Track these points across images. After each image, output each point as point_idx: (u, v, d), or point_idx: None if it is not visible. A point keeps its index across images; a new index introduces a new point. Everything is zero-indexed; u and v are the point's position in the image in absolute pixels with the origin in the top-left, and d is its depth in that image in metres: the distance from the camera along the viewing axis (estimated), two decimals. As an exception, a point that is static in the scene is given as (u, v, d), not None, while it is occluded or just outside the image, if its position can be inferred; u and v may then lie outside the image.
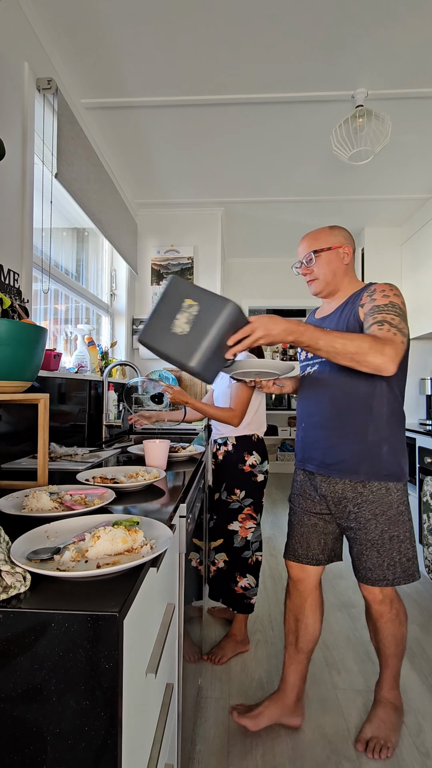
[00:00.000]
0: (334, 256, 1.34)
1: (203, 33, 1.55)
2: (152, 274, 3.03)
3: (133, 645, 0.56)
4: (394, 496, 1.26)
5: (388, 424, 1.25)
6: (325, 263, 1.34)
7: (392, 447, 1.25)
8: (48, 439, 1.05)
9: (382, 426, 1.24)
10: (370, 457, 1.24)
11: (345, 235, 1.37)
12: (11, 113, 1.34)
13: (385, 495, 1.25)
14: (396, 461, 1.26)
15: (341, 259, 1.34)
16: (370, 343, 1.06)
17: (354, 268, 1.37)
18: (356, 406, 1.26)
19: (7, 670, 0.49)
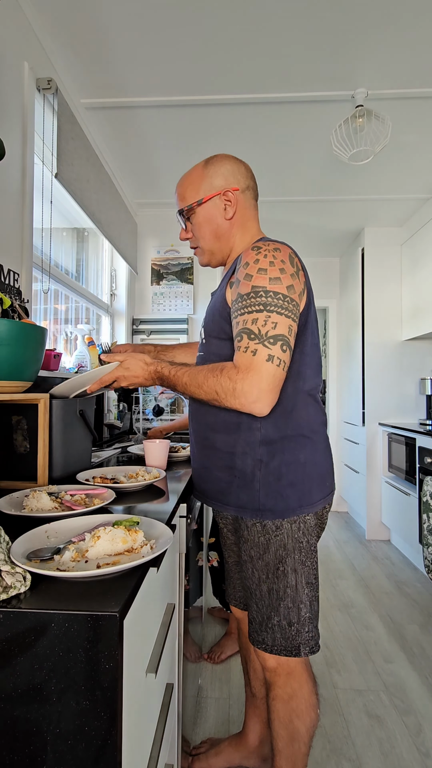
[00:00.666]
0: (212, 209, 0.97)
1: (203, 33, 1.55)
2: (152, 274, 3.02)
3: (133, 645, 0.56)
4: (273, 537, 0.92)
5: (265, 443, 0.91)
6: (203, 223, 0.99)
7: (271, 471, 0.91)
8: (48, 439, 1.05)
9: (252, 445, 0.92)
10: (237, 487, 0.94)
11: (227, 170, 0.97)
12: (11, 113, 1.34)
13: (260, 533, 0.93)
14: (277, 490, 0.91)
15: (222, 213, 0.97)
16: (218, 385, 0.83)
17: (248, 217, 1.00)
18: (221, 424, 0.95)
19: (7, 670, 0.49)
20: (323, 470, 0.97)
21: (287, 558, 0.93)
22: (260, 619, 0.96)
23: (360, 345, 3.46)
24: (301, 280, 0.88)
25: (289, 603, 0.93)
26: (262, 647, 0.96)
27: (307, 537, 0.94)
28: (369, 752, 1.32)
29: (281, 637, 0.94)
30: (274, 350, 0.81)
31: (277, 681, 0.98)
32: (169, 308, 3.01)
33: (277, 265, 0.85)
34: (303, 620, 0.93)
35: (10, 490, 1.01)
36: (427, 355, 3.30)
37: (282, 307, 0.83)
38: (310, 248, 3.79)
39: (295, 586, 0.93)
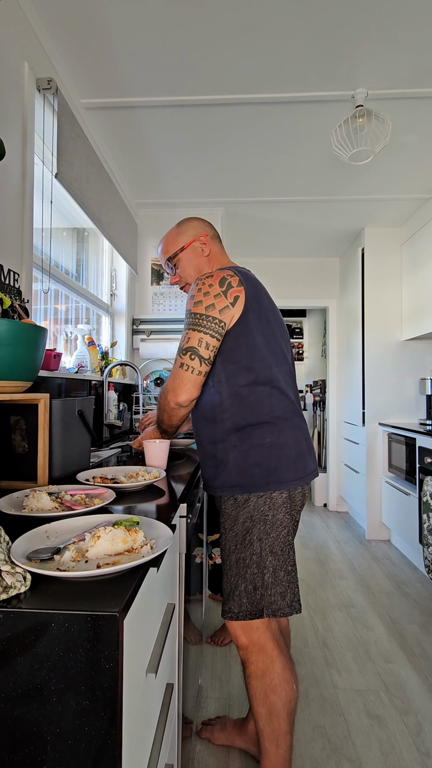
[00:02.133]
0: (191, 253, 1.24)
1: (203, 33, 1.55)
2: (152, 274, 3.02)
3: (133, 645, 0.56)
4: (241, 509, 1.07)
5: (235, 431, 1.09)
6: (187, 264, 1.25)
7: (240, 453, 1.07)
8: (48, 439, 1.05)
9: (226, 436, 1.10)
10: (221, 471, 1.10)
11: (194, 226, 1.26)
12: (11, 113, 1.34)
13: (232, 507, 1.09)
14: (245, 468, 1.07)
15: (200, 253, 1.24)
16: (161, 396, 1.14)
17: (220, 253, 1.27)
18: (204, 421, 1.15)
19: (7, 670, 0.49)
20: (292, 453, 1.09)
21: (253, 528, 1.05)
22: (230, 589, 1.06)
23: (360, 345, 3.46)
24: (230, 296, 1.07)
25: (254, 569, 1.04)
26: (229, 616, 1.05)
27: (272, 511, 1.06)
28: (369, 752, 1.32)
29: (247, 602, 1.04)
30: (185, 359, 1.06)
31: (250, 657, 1.06)
32: (169, 308, 3.01)
33: (203, 290, 1.08)
34: (266, 584, 1.04)
35: (10, 490, 1.01)
36: (427, 355, 3.30)
37: (198, 324, 1.06)
38: (310, 248, 3.79)
39: (259, 553, 1.04)
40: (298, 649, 1.84)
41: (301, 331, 5.23)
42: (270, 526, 1.05)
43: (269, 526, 1.05)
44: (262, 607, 1.03)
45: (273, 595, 1.03)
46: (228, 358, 1.09)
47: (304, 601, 2.25)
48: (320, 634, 1.95)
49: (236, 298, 1.08)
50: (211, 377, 1.11)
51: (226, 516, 1.09)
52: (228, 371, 1.09)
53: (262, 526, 1.05)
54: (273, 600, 1.03)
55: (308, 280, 4.05)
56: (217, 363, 1.10)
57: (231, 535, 1.08)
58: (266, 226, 3.27)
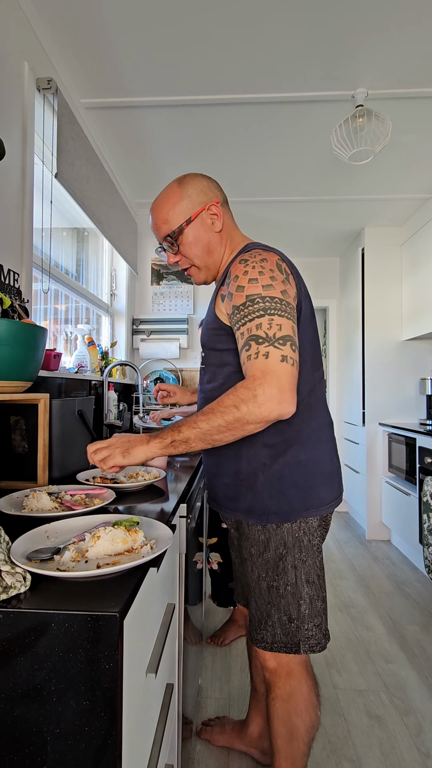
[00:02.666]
0: (200, 226, 0.96)
1: (203, 33, 1.55)
2: (152, 274, 3.02)
3: (133, 645, 0.56)
4: (273, 535, 0.93)
5: (266, 445, 0.92)
6: (194, 242, 0.97)
7: (273, 476, 0.92)
8: (48, 439, 1.05)
9: (254, 450, 0.92)
10: (244, 491, 0.95)
11: (202, 188, 0.97)
12: (11, 113, 1.34)
13: (261, 532, 0.95)
14: (280, 491, 0.92)
15: (210, 227, 0.97)
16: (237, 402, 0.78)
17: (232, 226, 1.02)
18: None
19: (7, 670, 0.49)
20: (328, 470, 0.96)
21: (287, 555, 0.93)
22: (259, 616, 0.96)
23: (360, 345, 3.46)
24: (292, 284, 0.89)
25: (289, 599, 0.93)
26: (262, 645, 0.95)
27: (308, 536, 0.93)
28: (369, 752, 1.32)
29: (281, 633, 0.94)
30: (286, 350, 0.79)
31: (277, 682, 0.98)
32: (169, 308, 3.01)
33: (267, 273, 0.85)
34: (303, 616, 0.93)
35: (10, 490, 1.01)
36: (427, 355, 3.30)
37: (281, 309, 0.82)
38: (310, 248, 3.78)
39: (294, 582, 0.93)
40: (298, 649, 1.84)
41: (301, 331, 5.23)
42: (305, 553, 0.93)
43: (305, 553, 0.93)
44: (298, 641, 0.93)
45: (310, 629, 0.94)
46: None
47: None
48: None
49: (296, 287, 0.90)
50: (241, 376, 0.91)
51: (253, 541, 0.96)
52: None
53: (297, 554, 0.93)
54: (311, 634, 0.94)
55: (308, 280, 4.05)
56: None
57: (260, 562, 0.95)
58: (266, 226, 3.27)
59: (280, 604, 0.93)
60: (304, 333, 0.93)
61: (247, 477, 0.94)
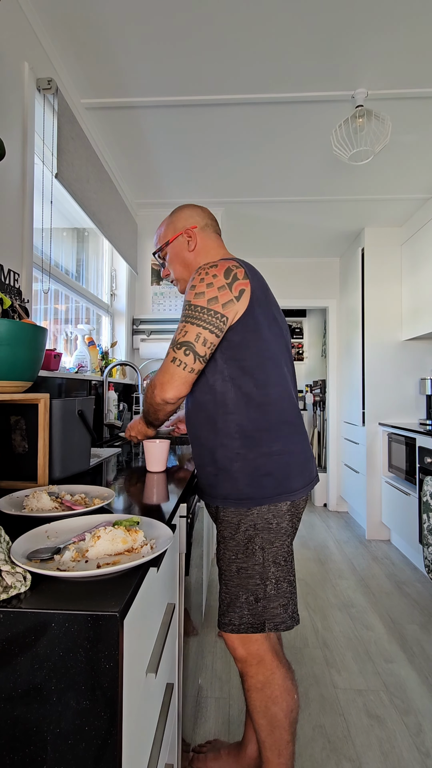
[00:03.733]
0: (177, 247, 1.16)
1: (203, 33, 1.55)
2: (152, 274, 3.02)
3: (133, 645, 0.56)
4: (244, 517, 1.00)
5: (241, 437, 1.00)
6: (173, 257, 1.18)
7: (248, 464, 1.00)
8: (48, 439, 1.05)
9: (230, 441, 1.01)
10: (223, 479, 1.03)
11: (185, 216, 1.17)
12: (11, 113, 1.34)
13: (234, 514, 1.02)
14: (255, 479, 1.00)
15: (186, 247, 1.15)
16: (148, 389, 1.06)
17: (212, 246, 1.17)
18: (203, 421, 1.06)
19: (7, 670, 0.49)
20: (301, 459, 1.04)
21: (256, 537, 1.00)
22: (228, 600, 1.01)
23: (360, 345, 3.46)
24: (235, 290, 0.99)
25: (257, 580, 0.99)
26: (229, 629, 1.00)
27: (276, 519, 1.00)
28: (369, 752, 1.32)
29: (248, 614, 0.99)
30: (178, 354, 0.97)
31: (249, 671, 1.02)
32: (169, 308, 3.01)
33: (207, 280, 0.99)
34: (269, 596, 0.99)
35: (10, 490, 1.01)
36: (427, 355, 3.30)
37: (197, 318, 0.97)
38: (310, 248, 3.79)
39: (262, 563, 0.99)
40: (298, 649, 1.84)
41: (301, 331, 5.23)
42: (274, 535, 1.00)
43: (273, 535, 1.00)
44: (264, 620, 0.98)
45: (276, 608, 0.99)
46: (234, 356, 1.00)
47: (304, 601, 2.25)
48: (320, 634, 1.95)
49: (242, 292, 1.00)
50: (214, 374, 1.02)
51: (226, 524, 1.03)
52: (233, 370, 1.01)
53: (265, 535, 1.00)
54: (276, 613, 0.99)
55: (308, 280, 4.05)
56: (219, 360, 1.01)
57: (232, 544, 1.01)
58: (266, 226, 3.27)
59: (248, 585, 0.99)
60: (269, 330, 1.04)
61: (224, 466, 1.02)
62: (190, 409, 1.11)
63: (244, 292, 1.00)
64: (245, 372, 1.00)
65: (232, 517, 1.02)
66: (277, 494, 1.00)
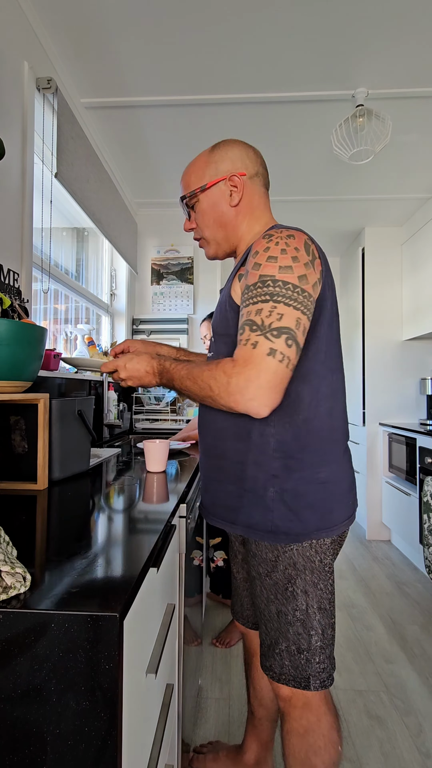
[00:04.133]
0: (216, 195, 0.90)
1: (203, 33, 1.55)
2: (152, 274, 3.02)
3: (133, 645, 0.56)
4: (281, 554, 0.84)
5: (281, 456, 0.82)
6: (206, 210, 0.92)
7: (287, 492, 0.82)
8: (48, 439, 1.05)
9: (266, 459, 0.82)
10: (249, 504, 0.85)
11: (232, 156, 0.90)
12: (11, 113, 1.34)
13: (269, 549, 0.85)
14: (294, 511, 0.82)
15: (227, 199, 0.90)
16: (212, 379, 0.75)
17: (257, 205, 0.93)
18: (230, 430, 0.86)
19: (7, 671, 0.48)
20: (346, 487, 0.88)
21: (297, 578, 0.84)
22: (269, 642, 0.88)
23: (360, 345, 3.46)
24: (317, 269, 0.79)
25: (299, 628, 0.84)
26: (270, 674, 0.88)
27: (320, 556, 0.84)
28: (369, 753, 1.32)
29: (290, 665, 0.85)
30: (278, 344, 0.71)
31: (292, 713, 0.88)
32: (169, 308, 3.01)
33: (290, 252, 0.76)
34: (314, 649, 0.84)
35: (10, 490, 1.01)
36: (427, 355, 3.30)
37: (291, 298, 0.73)
38: (310, 248, 3.78)
39: (305, 609, 0.84)
40: (299, 650, 1.84)
41: (301, 331, 5.23)
42: (317, 576, 0.84)
43: (316, 576, 0.84)
44: (308, 675, 0.84)
45: (322, 662, 0.85)
46: None
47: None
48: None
49: (321, 273, 0.80)
50: None
51: (260, 559, 0.87)
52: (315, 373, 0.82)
53: (308, 576, 0.84)
54: (322, 668, 0.85)
55: (308, 280, 4.05)
56: None
57: (268, 583, 0.86)
58: (266, 226, 3.26)
59: (289, 633, 0.85)
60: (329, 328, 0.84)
61: (253, 487, 0.84)
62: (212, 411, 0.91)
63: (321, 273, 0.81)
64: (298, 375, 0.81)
65: (267, 553, 0.86)
66: (317, 529, 0.83)
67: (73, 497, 0.97)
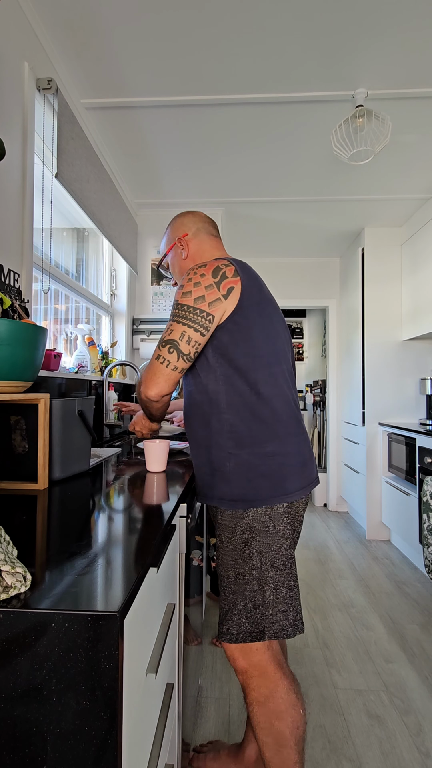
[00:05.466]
0: (174, 255, 1.20)
1: (203, 33, 1.55)
2: (152, 274, 3.02)
3: (133, 645, 0.56)
4: (240, 520, 0.98)
5: (233, 436, 0.99)
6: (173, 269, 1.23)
7: (242, 465, 0.98)
8: (48, 439, 1.05)
9: (223, 440, 1.00)
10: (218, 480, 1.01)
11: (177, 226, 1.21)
12: (11, 113, 1.34)
13: (230, 517, 0.99)
14: (249, 480, 0.98)
15: (180, 256, 1.19)
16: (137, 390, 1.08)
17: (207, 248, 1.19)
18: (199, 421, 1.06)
19: (7, 670, 0.49)
20: (296, 461, 1.01)
21: (252, 540, 0.97)
22: (227, 607, 0.98)
23: (360, 345, 3.46)
24: (222, 288, 0.99)
25: (254, 585, 0.96)
26: (227, 638, 0.97)
27: (273, 521, 0.98)
28: (369, 752, 1.32)
29: (246, 622, 0.96)
30: (163, 352, 0.98)
31: (250, 683, 0.98)
32: (169, 308, 3.01)
33: (194, 280, 0.99)
34: (267, 602, 0.96)
35: (10, 490, 1.01)
36: (427, 355, 3.30)
37: (183, 317, 0.97)
38: (310, 248, 3.78)
39: (259, 567, 0.96)
40: (298, 649, 1.84)
41: (301, 331, 5.23)
42: (271, 538, 0.97)
43: (270, 538, 0.97)
44: (263, 628, 0.95)
45: (275, 614, 0.95)
46: (225, 355, 1.00)
47: (304, 602, 2.25)
48: (320, 634, 1.95)
49: (230, 290, 0.99)
50: (207, 374, 1.02)
51: (223, 527, 1.01)
52: (225, 369, 1.00)
53: (262, 538, 0.97)
54: (275, 619, 0.95)
55: (308, 280, 4.05)
56: (211, 359, 1.01)
57: (229, 548, 0.99)
58: (266, 226, 3.26)
59: (245, 591, 0.96)
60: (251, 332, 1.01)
61: (218, 466, 1.01)
62: (186, 408, 1.10)
63: (233, 290, 0.99)
64: (237, 371, 0.99)
65: (229, 520, 0.99)
66: (272, 496, 0.97)
67: (74, 497, 0.97)
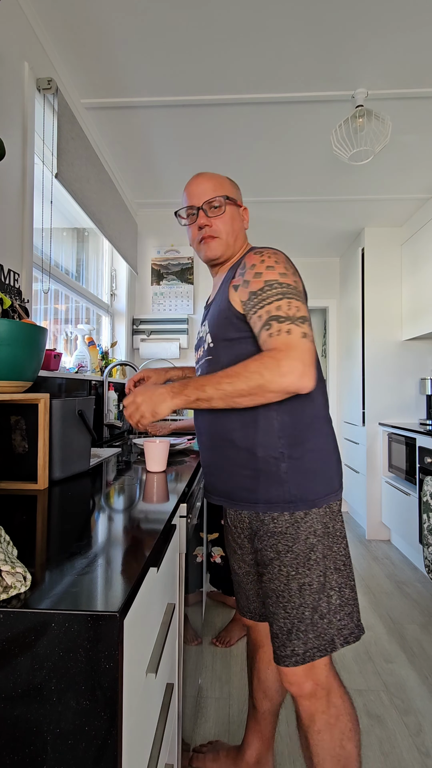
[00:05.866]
0: (238, 214, 1.08)
1: (203, 33, 1.55)
2: (152, 274, 3.02)
3: (133, 645, 0.56)
4: (302, 524, 0.91)
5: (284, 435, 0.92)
6: (230, 219, 1.05)
7: (297, 460, 0.92)
8: (48, 439, 1.05)
9: (273, 439, 0.92)
10: (264, 482, 0.93)
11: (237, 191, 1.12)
12: (11, 113, 1.34)
13: (289, 523, 0.91)
14: (306, 478, 0.92)
15: (241, 220, 1.09)
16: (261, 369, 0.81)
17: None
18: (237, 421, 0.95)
19: (7, 670, 0.49)
20: (336, 457, 0.99)
21: (318, 544, 0.91)
22: (288, 627, 0.89)
23: (360, 345, 3.46)
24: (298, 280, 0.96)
25: (322, 593, 0.89)
26: (293, 660, 0.87)
27: (333, 522, 0.94)
28: (369, 752, 1.32)
29: (313, 636, 0.88)
30: (305, 328, 0.84)
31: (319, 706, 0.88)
32: (169, 308, 3.01)
33: (281, 263, 0.93)
34: (333, 609, 0.89)
35: (10, 490, 1.01)
36: (427, 355, 3.30)
37: (296, 295, 0.88)
38: (310, 248, 3.78)
39: (324, 572, 0.90)
40: (298, 649, 1.84)
41: (301, 331, 5.24)
42: (332, 539, 0.92)
43: (332, 539, 0.92)
44: (331, 637, 0.88)
45: (342, 619, 0.89)
46: None
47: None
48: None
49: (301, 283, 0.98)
50: None
51: (279, 535, 0.91)
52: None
53: (326, 541, 0.91)
54: (343, 624, 0.89)
55: (308, 280, 4.05)
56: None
57: (289, 558, 0.89)
58: (266, 226, 3.26)
59: (312, 602, 0.89)
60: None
61: (267, 468, 0.92)
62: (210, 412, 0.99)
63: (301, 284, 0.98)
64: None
65: (287, 527, 0.91)
66: (327, 494, 0.93)
67: (74, 497, 0.97)
